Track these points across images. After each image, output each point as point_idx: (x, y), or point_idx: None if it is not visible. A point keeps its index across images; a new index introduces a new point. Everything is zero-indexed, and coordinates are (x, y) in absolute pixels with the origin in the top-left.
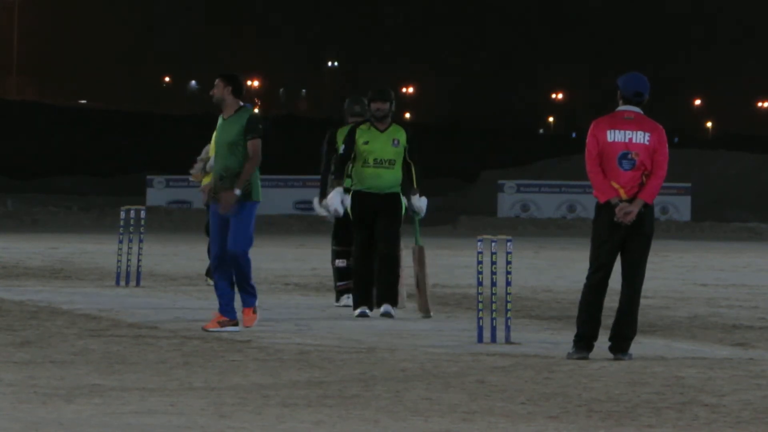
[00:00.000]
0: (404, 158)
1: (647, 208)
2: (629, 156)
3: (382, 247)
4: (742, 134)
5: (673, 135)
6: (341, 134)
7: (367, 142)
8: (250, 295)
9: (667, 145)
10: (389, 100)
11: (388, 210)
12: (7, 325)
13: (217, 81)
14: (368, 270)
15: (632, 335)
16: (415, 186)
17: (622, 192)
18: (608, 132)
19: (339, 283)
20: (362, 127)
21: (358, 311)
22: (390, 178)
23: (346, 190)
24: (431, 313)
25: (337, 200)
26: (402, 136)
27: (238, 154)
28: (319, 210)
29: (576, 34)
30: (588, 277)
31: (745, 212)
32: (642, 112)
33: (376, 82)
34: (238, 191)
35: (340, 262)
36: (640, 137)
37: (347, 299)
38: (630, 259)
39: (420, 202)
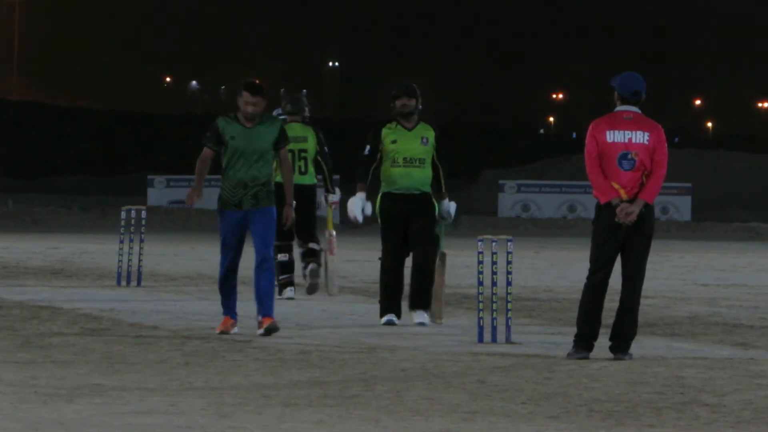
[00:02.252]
0: (433, 159)
1: (648, 208)
2: (629, 156)
3: (419, 253)
4: (742, 134)
5: (673, 135)
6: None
7: (395, 141)
8: (272, 304)
9: (666, 144)
10: (415, 96)
11: (421, 212)
12: (8, 325)
13: (256, 99)
14: (397, 278)
15: (632, 335)
16: (443, 190)
17: (622, 192)
18: (607, 132)
19: (281, 277)
20: (389, 125)
21: (384, 319)
22: (421, 177)
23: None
24: (442, 321)
25: (357, 207)
26: (431, 134)
27: (266, 164)
28: None
29: (576, 33)
30: (588, 278)
31: (746, 212)
32: (640, 111)
33: (375, 82)
34: (294, 203)
35: (282, 257)
36: (640, 137)
37: (290, 292)
38: (630, 259)
39: (449, 207)
